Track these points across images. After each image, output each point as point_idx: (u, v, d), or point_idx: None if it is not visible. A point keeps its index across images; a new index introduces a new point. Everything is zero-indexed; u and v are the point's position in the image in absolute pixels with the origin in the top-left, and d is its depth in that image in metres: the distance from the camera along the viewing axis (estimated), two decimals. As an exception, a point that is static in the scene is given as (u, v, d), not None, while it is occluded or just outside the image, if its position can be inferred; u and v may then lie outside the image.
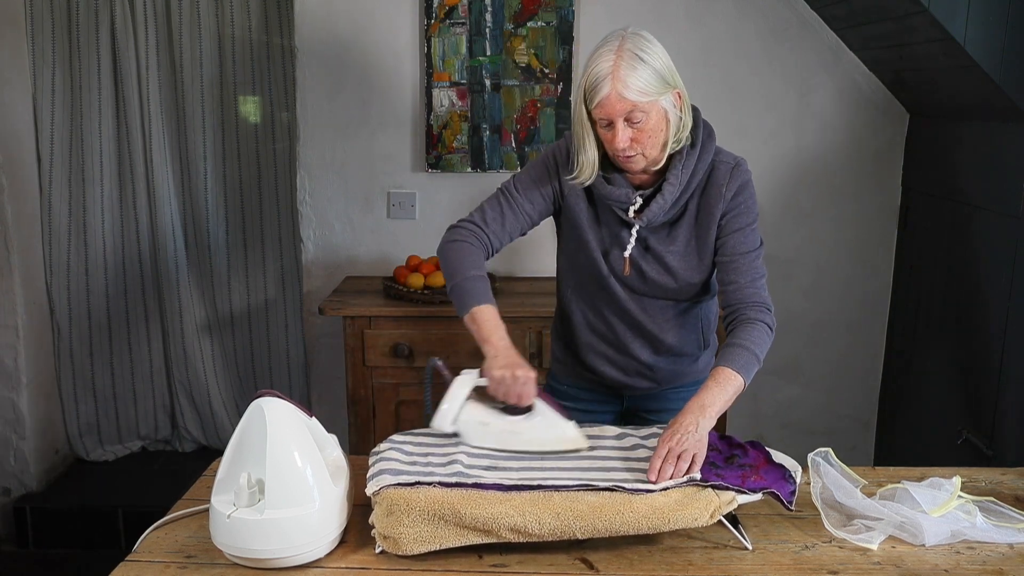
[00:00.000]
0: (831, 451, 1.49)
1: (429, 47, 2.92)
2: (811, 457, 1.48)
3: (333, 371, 3.16)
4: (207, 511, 1.31)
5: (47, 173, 2.93)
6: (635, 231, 1.62)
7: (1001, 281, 2.32)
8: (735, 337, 1.55)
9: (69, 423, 3.11)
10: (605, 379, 1.79)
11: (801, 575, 1.28)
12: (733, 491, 1.34)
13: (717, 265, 1.64)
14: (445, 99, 2.95)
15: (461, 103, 2.95)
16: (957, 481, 1.42)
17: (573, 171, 1.60)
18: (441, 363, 1.57)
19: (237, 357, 3.16)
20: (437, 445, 1.50)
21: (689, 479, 1.36)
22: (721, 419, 2.69)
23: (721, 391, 1.47)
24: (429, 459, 1.43)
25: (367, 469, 1.41)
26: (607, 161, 1.60)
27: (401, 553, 1.27)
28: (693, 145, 1.59)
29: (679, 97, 1.54)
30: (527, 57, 2.92)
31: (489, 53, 2.92)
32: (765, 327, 1.57)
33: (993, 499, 1.47)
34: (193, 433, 3.21)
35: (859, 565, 1.30)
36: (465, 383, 1.50)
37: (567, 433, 1.48)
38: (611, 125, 1.50)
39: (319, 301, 2.84)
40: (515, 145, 2.97)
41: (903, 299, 2.99)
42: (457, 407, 1.49)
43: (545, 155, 1.69)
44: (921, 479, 1.48)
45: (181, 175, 3.02)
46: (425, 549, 1.27)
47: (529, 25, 2.89)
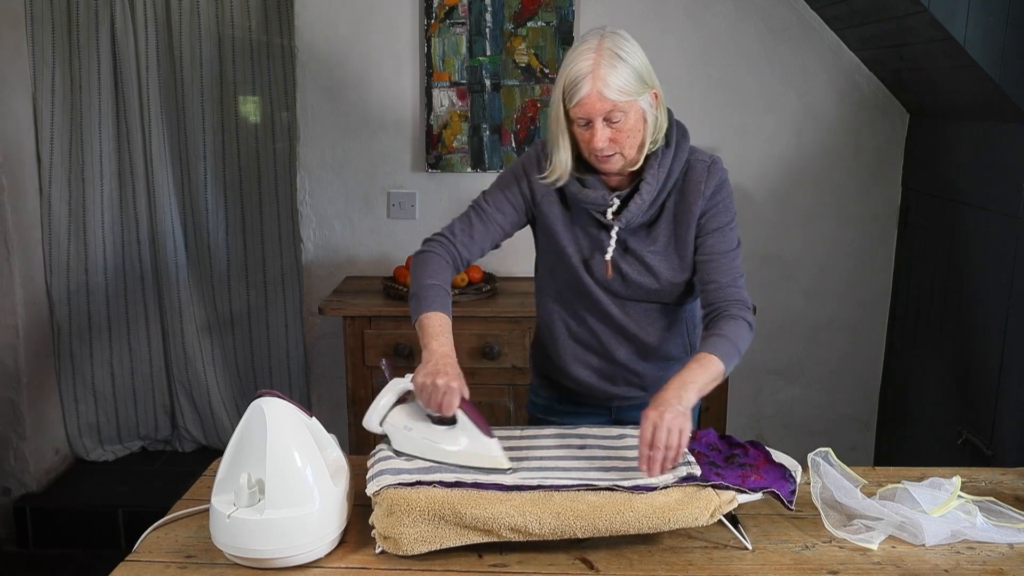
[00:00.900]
0: (831, 451, 1.49)
1: (429, 47, 2.92)
2: (811, 457, 1.48)
3: (333, 371, 3.16)
4: (207, 511, 1.31)
5: (47, 173, 2.93)
6: (615, 233, 1.60)
7: (1001, 281, 2.32)
8: (716, 329, 1.54)
9: (69, 423, 3.11)
10: (593, 391, 1.76)
11: (801, 575, 1.28)
12: (733, 491, 1.34)
13: (696, 264, 1.63)
14: (445, 99, 2.95)
15: (461, 103, 2.95)
16: (957, 481, 1.42)
17: (544, 172, 1.59)
18: (386, 363, 1.56)
19: (237, 357, 3.16)
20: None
21: (688, 475, 1.35)
22: (721, 419, 2.70)
23: (703, 371, 1.45)
24: (423, 472, 1.43)
25: (367, 469, 1.41)
26: (581, 164, 1.59)
27: (401, 553, 1.27)
28: (668, 145, 1.58)
29: (656, 97, 1.53)
30: (527, 57, 2.92)
31: (489, 53, 2.92)
32: (745, 324, 1.56)
33: (993, 499, 1.46)
34: (193, 433, 3.21)
35: (859, 565, 1.30)
36: (397, 386, 1.49)
37: (488, 451, 1.41)
38: (590, 124, 1.49)
39: (319, 301, 2.84)
40: (515, 145, 2.97)
41: (903, 299, 2.99)
42: (384, 408, 1.48)
43: (514, 165, 1.68)
44: (921, 479, 1.48)
45: (181, 175, 3.02)
46: (426, 549, 1.27)
47: (529, 25, 2.89)
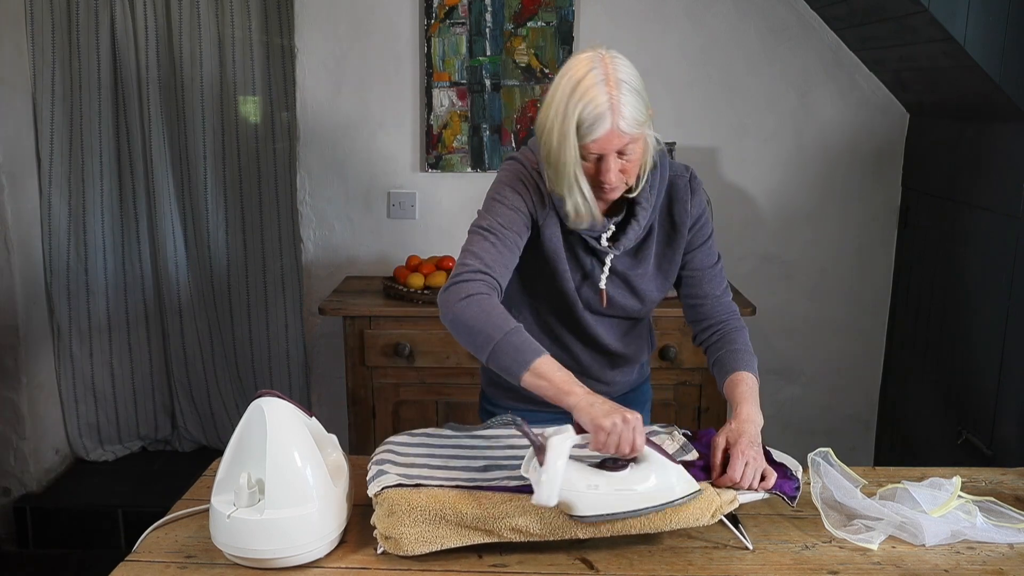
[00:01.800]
0: (831, 451, 1.49)
1: (429, 47, 2.92)
2: (811, 457, 1.48)
3: (333, 371, 3.16)
4: (207, 511, 1.31)
5: (47, 173, 2.93)
6: (609, 260, 1.56)
7: (1001, 281, 2.32)
8: (737, 343, 1.58)
9: (69, 423, 3.11)
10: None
11: (801, 575, 1.28)
12: (735, 490, 1.34)
13: (683, 280, 1.64)
14: (445, 99, 2.95)
15: (461, 103, 2.95)
16: (957, 481, 1.42)
17: (545, 202, 1.50)
18: (525, 424, 1.32)
19: (237, 357, 3.16)
20: (436, 446, 1.50)
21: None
22: (721, 419, 2.70)
23: (756, 396, 1.51)
24: (427, 461, 1.44)
25: (367, 470, 1.41)
26: None
27: (403, 553, 1.27)
28: (654, 166, 1.53)
29: (650, 115, 1.45)
30: (527, 57, 2.92)
31: (489, 53, 2.92)
32: (746, 331, 1.63)
33: (993, 499, 1.46)
34: (193, 433, 3.21)
35: (859, 565, 1.30)
36: (562, 446, 1.26)
37: (680, 477, 1.30)
38: (601, 159, 1.41)
39: (319, 301, 2.84)
40: (515, 145, 2.97)
41: (903, 299, 2.99)
42: (560, 478, 1.24)
43: (510, 181, 1.53)
44: (921, 479, 1.48)
45: (181, 175, 3.02)
46: (427, 549, 1.27)
47: (529, 25, 2.89)
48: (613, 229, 1.54)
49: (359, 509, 1.41)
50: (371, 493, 1.33)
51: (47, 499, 2.93)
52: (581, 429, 1.31)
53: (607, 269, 1.57)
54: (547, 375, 1.36)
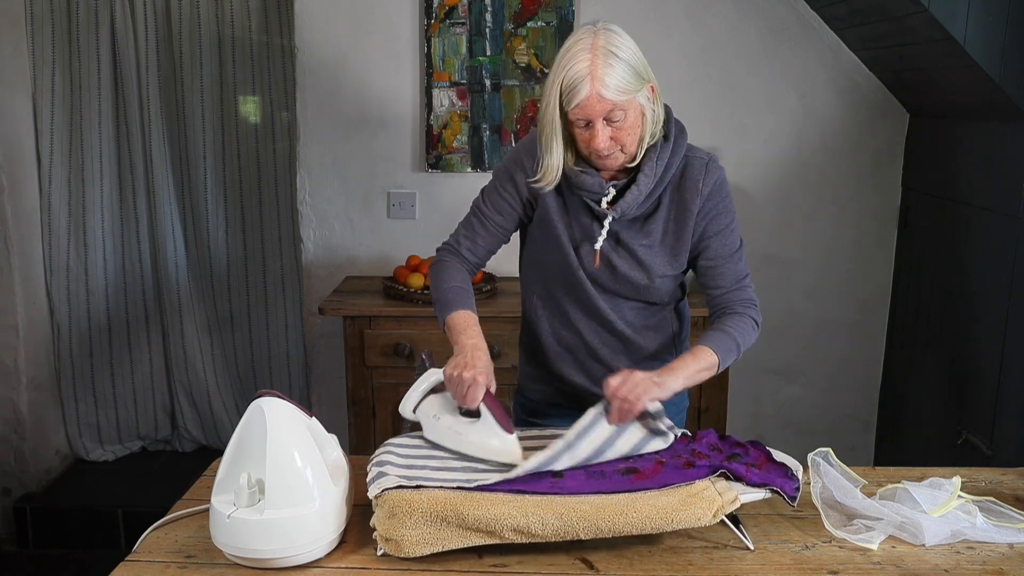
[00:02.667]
0: (831, 451, 1.49)
1: (429, 47, 2.92)
2: (811, 457, 1.48)
3: (333, 371, 3.16)
4: (207, 511, 1.31)
5: (47, 173, 2.93)
6: (607, 223, 1.58)
7: (1001, 281, 2.32)
8: (720, 323, 1.57)
9: (69, 423, 3.11)
10: (577, 390, 1.73)
11: (801, 575, 1.28)
12: (736, 484, 1.34)
13: (700, 269, 1.63)
14: (445, 99, 2.95)
15: (461, 103, 2.95)
16: (957, 481, 1.42)
17: (537, 173, 1.57)
18: (427, 355, 1.59)
19: (237, 357, 3.16)
20: (435, 447, 1.50)
21: (655, 430, 1.44)
22: (721, 419, 2.70)
23: (693, 361, 1.50)
24: (427, 463, 1.44)
25: (367, 471, 1.41)
26: (579, 157, 1.58)
27: (404, 555, 1.27)
28: (666, 139, 1.57)
29: (652, 90, 1.52)
30: (527, 57, 2.92)
31: (489, 53, 2.92)
32: (752, 321, 1.59)
33: (993, 499, 1.46)
34: (193, 433, 3.21)
35: (859, 565, 1.30)
36: (431, 376, 1.54)
37: (504, 446, 1.44)
38: (590, 125, 1.48)
39: (319, 301, 2.84)
40: (514, 144, 2.96)
41: (903, 299, 2.99)
42: (416, 397, 1.54)
43: (506, 162, 1.67)
44: (921, 479, 1.48)
45: (181, 175, 3.02)
46: (428, 551, 1.27)
47: (529, 25, 2.89)
48: (613, 193, 1.57)
49: (359, 509, 1.41)
50: (372, 495, 1.32)
51: (47, 499, 2.93)
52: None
53: (604, 232, 1.59)
54: (452, 326, 1.56)
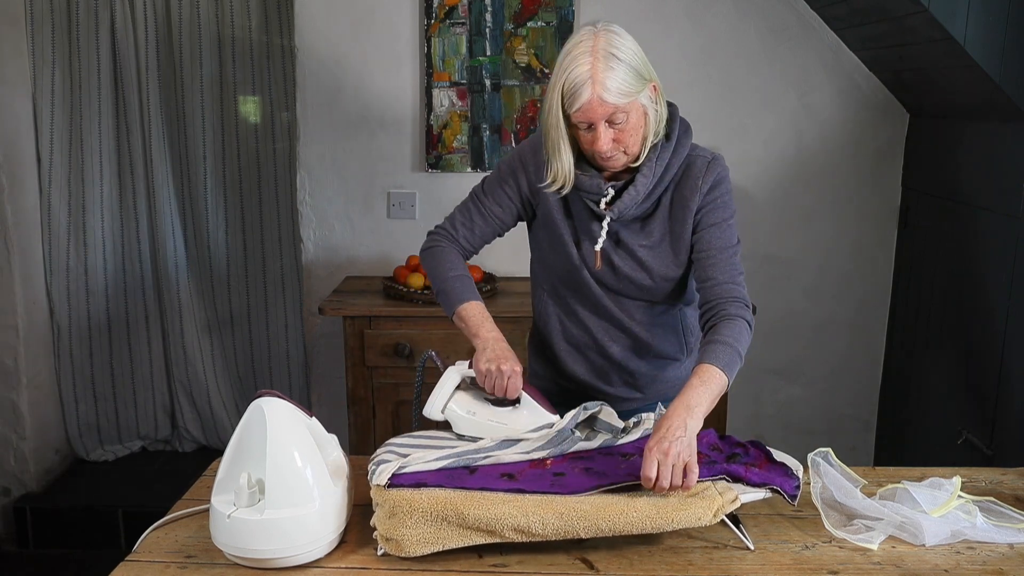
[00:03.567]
0: (831, 451, 1.49)
1: (429, 47, 2.92)
2: (811, 457, 1.48)
3: (333, 371, 3.16)
4: (207, 511, 1.31)
5: (47, 173, 2.93)
6: (606, 223, 1.58)
7: (1001, 281, 2.32)
8: (717, 334, 1.49)
9: (69, 423, 3.11)
10: (587, 389, 1.73)
11: (801, 575, 1.28)
12: (736, 484, 1.34)
13: (694, 262, 1.60)
14: (445, 99, 2.95)
15: (461, 103, 2.95)
16: (957, 481, 1.42)
17: (544, 176, 1.57)
18: (435, 354, 1.59)
19: (237, 357, 3.16)
20: (435, 447, 1.50)
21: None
22: (721, 419, 2.70)
23: (706, 390, 1.40)
24: (427, 451, 1.44)
25: (367, 471, 1.41)
26: (582, 157, 1.57)
27: (404, 555, 1.27)
28: (668, 138, 1.56)
29: (655, 89, 1.51)
30: (527, 57, 2.92)
31: (489, 53, 2.92)
32: (745, 323, 1.52)
33: (993, 499, 1.46)
34: (193, 433, 3.21)
35: (859, 565, 1.30)
36: (455, 373, 1.54)
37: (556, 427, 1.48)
38: (592, 128, 1.47)
39: (319, 301, 2.84)
40: (515, 145, 2.97)
41: (903, 299, 2.99)
42: (446, 396, 1.53)
43: (512, 157, 1.67)
44: (921, 479, 1.48)
45: (181, 175, 3.02)
46: (429, 551, 1.27)
47: (529, 25, 2.89)
48: (611, 193, 1.56)
49: (359, 509, 1.41)
50: (373, 484, 1.32)
51: (47, 499, 2.92)
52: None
53: (604, 233, 1.59)
54: (466, 318, 1.57)
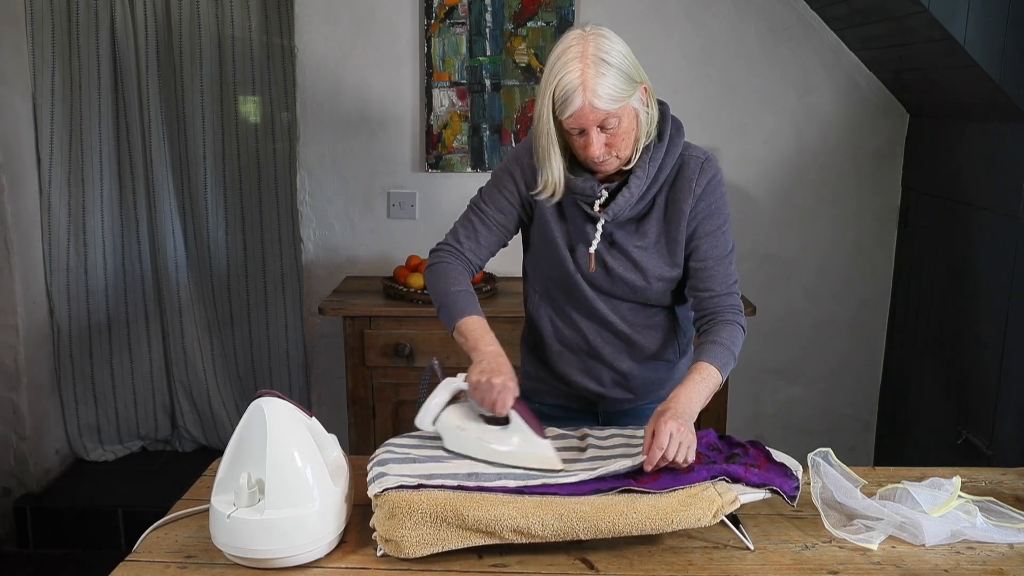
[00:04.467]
0: (831, 451, 1.49)
1: (429, 47, 2.92)
2: (811, 457, 1.48)
3: (333, 371, 3.16)
4: (207, 511, 1.31)
5: (47, 173, 2.93)
6: (600, 225, 1.57)
7: (1001, 281, 2.32)
8: (714, 335, 1.53)
9: (69, 423, 3.11)
10: (579, 390, 1.72)
11: (801, 575, 1.28)
12: (736, 485, 1.34)
13: (690, 270, 1.60)
14: (445, 99, 2.95)
15: (461, 103, 2.95)
16: (957, 481, 1.42)
17: (536, 183, 1.56)
18: (438, 364, 1.56)
19: (237, 357, 3.16)
20: (435, 448, 1.50)
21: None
22: (721, 419, 2.70)
23: (705, 387, 1.47)
24: (428, 463, 1.44)
25: (366, 471, 1.41)
26: (574, 160, 1.57)
27: (403, 556, 1.27)
28: (660, 138, 1.55)
29: (645, 91, 1.50)
30: (527, 57, 2.92)
31: (489, 53, 2.92)
32: (740, 328, 1.56)
33: (993, 499, 1.46)
34: (193, 433, 3.21)
35: (859, 565, 1.30)
36: (450, 385, 1.50)
37: (540, 451, 1.42)
38: (584, 133, 1.46)
39: (319, 301, 2.84)
40: (515, 145, 2.96)
41: (903, 299, 2.99)
42: (437, 407, 1.49)
43: (507, 161, 1.65)
44: (921, 479, 1.48)
45: (181, 175, 3.02)
46: (428, 551, 1.27)
47: (529, 25, 2.89)
48: (605, 195, 1.55)
49: (359, 509, 1.41)
50: (372, 494, 1.32)
51: (47, 499, 2.92)
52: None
53: (598, 235, 1.58)
54: (465, 333, 1.54)
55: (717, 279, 1.57)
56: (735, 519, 1.38)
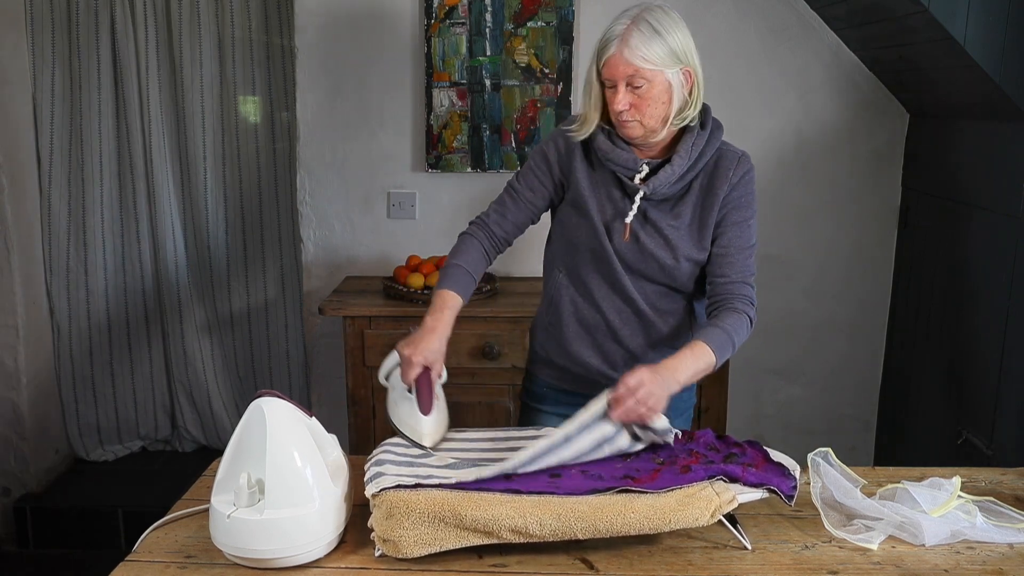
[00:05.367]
0: (831, 451, 1.49)
1: (429, 47, 2.92)
2: (811, 457, 1.48)
3: (333, 371, 3.16)
4: (207, 511, 1.32)
5: (47, 173, 2.93)
6: (639, 198, 1.63)
7: (1001, 281, 2.32)
8: (719, 320, 1.58)
9: (69, 423, 3.11)
10: (592, 373, 1.74)
11: (801, 575, 1.28)
12: (734, 489, 1.34)
13: (712, 256, 1.65)
14: (445, 99, 2.95)
15: (461, 103, 2.95)
16: (957, 481, 1.42)
17: (574, 159, 1.65)
18: (414, 328, 1.64)
19: (237, 357, 3.16)
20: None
21: (660, 438, 1.44)
22: (721, 419, 2.70)
23: (694, 363, 1.50)
24: (425, 461, 1.44)
25: (365, 471, 1.41)
26: (606, 124, 1.65)
27: (401, 556, 1.27)
28: (703, 127, 1.64)
29: (688, 75, 1.58)
30: (527, 57, 2.92)
31: (489, 53, 2.92)
32: (747, 319, 1.61)
33: (993, 499, 1.46)
34: (193, 433, 3.21)
35: (859, 565, 1.30)
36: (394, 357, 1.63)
37: (417, 426, 1.52)
38: (614, 86, 1.55)
39: (319, 301, 2.84)
40: (515, 145, 2.97)
41: (903, 299, 2.99)
42: (389, 365, 1.63)
43: (543, 143, 1.74)
44: (921, 479, 1.48)
45: (181, 175, 3.02)
46: (426, 551, 1.27)
47: (529, 25, 2.89)
48: (647, 170, 1.61)
49: (359, 509, 1.41)
50: (369, 494, 1.33)
51: (47, 499, 2.93)
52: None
53: (635, 207, 1.63)
54: (432, 302, 1.62)
55: (735, 267, 1.63)
56: (733, 519, 1.38)
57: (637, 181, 1.62)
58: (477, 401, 2.64)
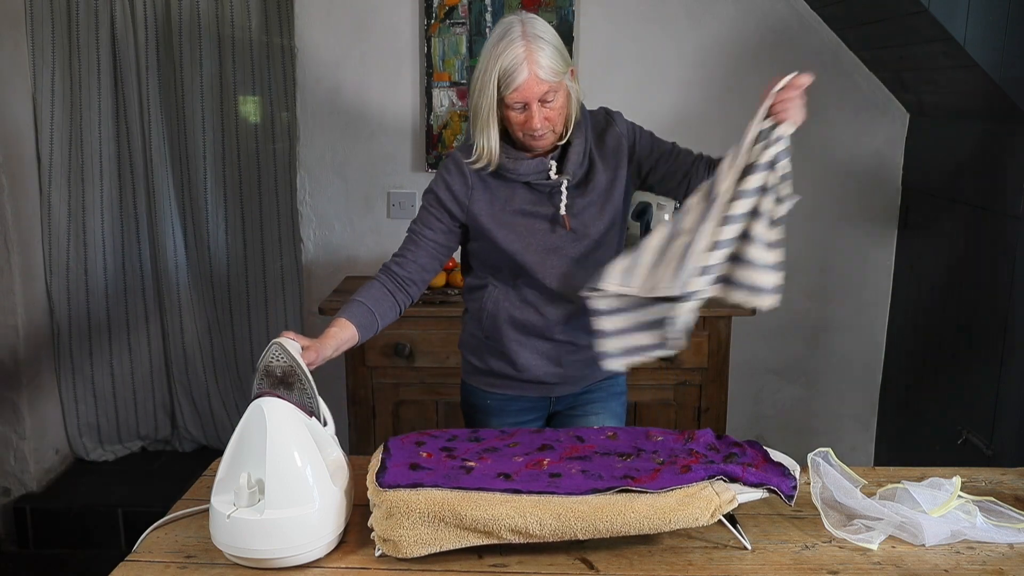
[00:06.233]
0: (831, 451, 1.49)
1: (429, 47, 2.92)
2: (811, 457, 1.48)
3: (333, 371, 3.14)
4: (207, 511, 1.32)
5: (47, 173, 2.93)
6: (564, 188, 1.68)
7: (1001, 281, 2.32)
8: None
9: (69, 423, 3.11)
10: (539, 378, 1.78)
11: (801, 575, 1.28)
12: (734, 484, 1.34)
13: (664, 175, 1.72)
14: (445, 99, 2.95)
15: (461, 103, 2.95)
16: (957, 481, 1.42)
17: (472, 156, 1.66)
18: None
19: (237, 357, 3.16)
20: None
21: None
22: (721, 419, 2.70)
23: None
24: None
25: (367, 470, 1.41)
26: (508, 145, 1.68)
27: (401, 555, 1.27)
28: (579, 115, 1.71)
29: (573, 73, 1.64)
30: (527, 57, 2.91)
31: (489, 53, 2.92)
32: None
33: (993, 499, 1.46)
34: (193, 433, 3.21)
35: (859, 565, 1.30)
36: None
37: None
38: (526, 108, 1.58)
39: (319, 301, 2.84)
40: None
41: (903, 299, 2.99)
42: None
43: (433, 181, 1.75)
44: (921, 479, 1.48)
45: (181, 175, 3.02)
46: (426, 551, 1.27)
47: (529, 25, 2.89)
48: (555, 164, 1.67)
49: (359, 509, 1.41)
50: (371, 486, 1.32)
51: (47, 499, 2.93)
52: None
53: (564, 197, 1.68)
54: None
55: (682, 157, 1.72)
56: (732, 519, 1.38)
57: (553, 176, 1.67)
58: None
